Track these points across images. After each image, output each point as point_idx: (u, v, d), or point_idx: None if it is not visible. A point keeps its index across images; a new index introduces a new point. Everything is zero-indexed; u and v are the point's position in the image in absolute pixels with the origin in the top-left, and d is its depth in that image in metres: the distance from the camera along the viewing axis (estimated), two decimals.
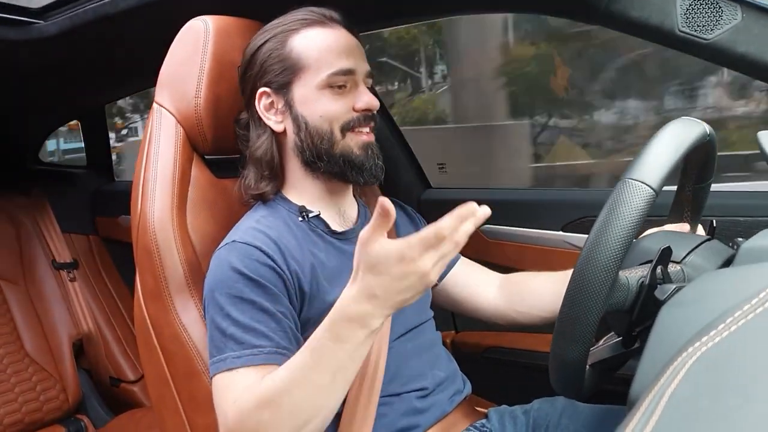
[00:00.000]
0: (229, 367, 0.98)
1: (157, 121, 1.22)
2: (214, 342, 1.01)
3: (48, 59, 1.77)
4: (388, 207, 0.83)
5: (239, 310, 1.01)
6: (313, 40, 1.13)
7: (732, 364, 0.48)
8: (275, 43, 1.14)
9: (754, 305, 0.55)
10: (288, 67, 1.13)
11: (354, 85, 1.15)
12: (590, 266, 0.78)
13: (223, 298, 1.02)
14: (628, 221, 0.77)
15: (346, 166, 1.14)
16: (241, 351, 0.99)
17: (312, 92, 1.13)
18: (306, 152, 1.14)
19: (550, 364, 0.88)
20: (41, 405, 2.15)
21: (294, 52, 1.13)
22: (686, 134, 0.86)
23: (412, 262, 0.84)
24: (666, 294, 0.83)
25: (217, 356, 1.00)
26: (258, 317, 1.01)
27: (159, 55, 1.24)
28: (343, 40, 1.15)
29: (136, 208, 1.19)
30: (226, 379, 0.98)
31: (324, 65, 1.12)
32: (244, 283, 1.02)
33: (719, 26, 1.08)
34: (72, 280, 2.40)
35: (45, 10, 1.56)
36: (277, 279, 1.04)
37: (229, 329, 1.00)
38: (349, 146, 1.14)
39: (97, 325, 2.40)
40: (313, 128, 1.13)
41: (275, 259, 1.05)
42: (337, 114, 1.13)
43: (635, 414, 0.45)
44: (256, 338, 0.99)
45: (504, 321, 1.35)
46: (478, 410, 1.30)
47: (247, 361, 0.98)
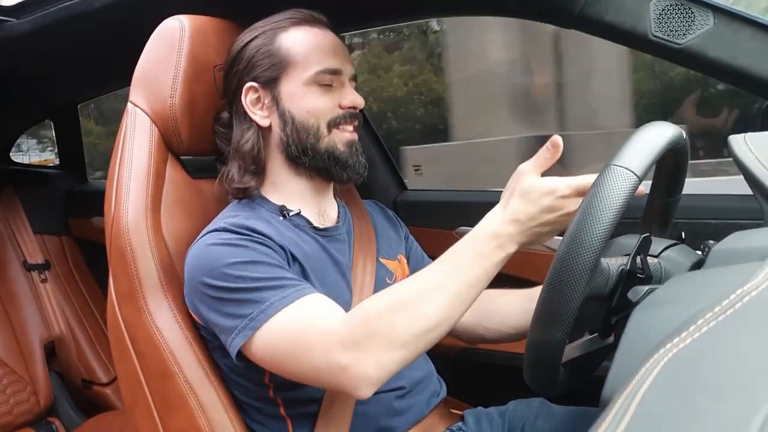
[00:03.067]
0: (278, 309, 0.96)
1: (132, 121, 1.21)
2: (247, 303, 0.97)
3: (21, 58, 1.75)
4: (558, 143, 0.93)
5: (260, 271, 0.99)
6: (302, 38, 1.15)
7: (703, 365, 0.48)
8: (264, 39, 1.15)
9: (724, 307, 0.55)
10: (276, 63, 1.14)
11: (340, 84, 1.16)
12: (574, 248, 0.79)
13: (232, 268, 0.99)
14: (612, 204, 0.78)
15: (330, 161, 1.15)
16: (285, 291, 0.97)
17: (299, 88, 1.14)
18: (291, 147, 1.15)
19: (525, 357, 0.88)
20: (11, 408, 2.11)
21: (283, 48, 1.14)
22: (667, 131, 0.88)
23: (560, 199, 0.91)
24: (639, 295, 0.83)
25: (255, 309, 0.97)
26: (279, 273, 1.01)
27: (134, 54, 1.23)
28: (331, 41, 1.17)
29: (109, 209, 1.18)
30: (291, 316, 0.96)
31: (312, 62, 1.13)
32: (247, 252, 1.01)
33: (691, 31, 1.09)
34: (43, 281, 2.37)
35: (18, 8, 1.54)
36: (271, 251, 1.04)
37: (257, 285, 0.98)
38: (334, 142, 1.15)
39: (69, 327, 2.37)
40: (300, 123, 1.14)
41: (261, 238, 1.04)
42: (324, 110, 1.14)
43: (608, 415, 0.46)
44: (292, 281, 1.00)
45: (469, 337, 1.33)
46: (454, 412, 1.30)
47: (297, 295, 0.97)
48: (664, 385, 0.47)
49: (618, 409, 0.45)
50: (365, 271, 1.21)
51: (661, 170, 1.03)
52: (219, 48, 1.23)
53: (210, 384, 1.09)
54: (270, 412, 1.12)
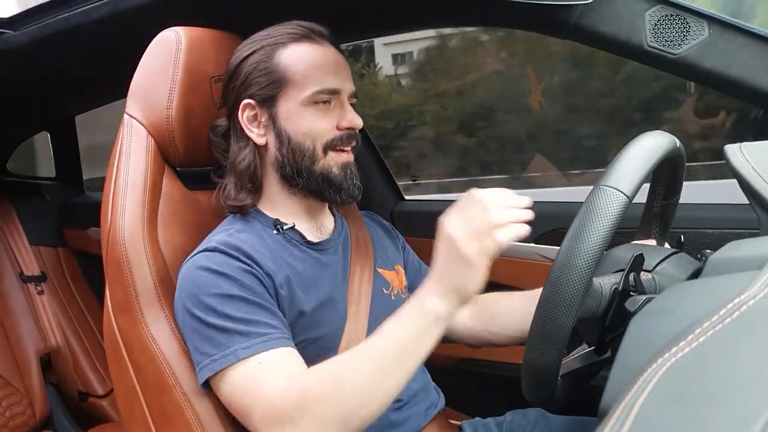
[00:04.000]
0: (241, 358, 0.97)
1: (128, 133, 1.21)
2: (214, 341, 0.99)
3: (17, 69, 1.75)
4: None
5: (233, 308, 0.99)
6: (300, 56, 1.12)
7: (701, 375, 0.48)
8: (262, 55, 1.13)
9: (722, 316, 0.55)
10: (274, 81, 1.12)
11: (339, 103, 1.14)
12: (565, 271, 0.79)
13: (212, 299, 1.00)
14: (602, 226, 0.78)
15: (324, 184, 1.14)
16: (250, 341, 0.97)
17: (296, 108, 1.12)
18: (286, 167, 1.14)
19: (522, 372, 0.88)
20: (7, 421, 2.10)
21: (281, 66, 1.12)
22: (658, 145, 0.88)
23: (444, 229, 0.87)
24: (636, 305, 0.83)
25: (219, 352, 0.98)
26: (254, 310, 1.00)
27: (130, 66, 1.23)
28: (331, 58, 1.15)
29: (106, 221, 1.18)
30: (248, 370, 0.97)
31: (311, 82, 1.11)
32: (229, 283, 1.01)
33: (687, 41, 1.10)
34: (40, 293, 2.37)
35: (15, 20, 1.54)
36: (257, 281, 1.03)
37: (229, 325, 0.98)
38: (329, 165, 1.13)
39: (65, 339, 2.36)
40: (296, 144, 1.12)
41: (250, 264, 1.04)
42: (321, 131, 1.12)
43: (606, 425, 0.46)
44: (261, 328, 0.99)
45: (477, 342, 1.34)
46: (452, 423, 1.30)
47: (260, 348, 0.97)
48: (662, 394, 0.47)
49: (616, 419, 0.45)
50: (362, 281, 1.20)
51: (657, 175, 1.04)
52: (216, 59, 1.23)
53: (207, 396, 1.08)
54: None
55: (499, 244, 0.85)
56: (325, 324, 1.11)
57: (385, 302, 1.23)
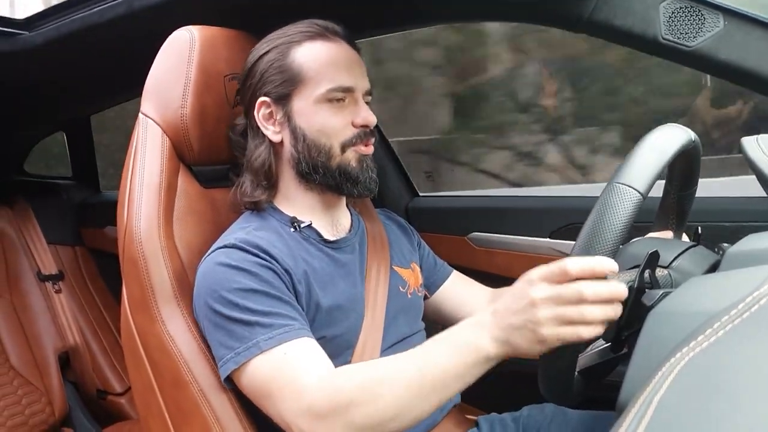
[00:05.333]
0: (263, 350, 0.97)
1: (143, 132, 1.22)
2: (236, 335, 1.00)
3: (33, 70, 1.76)
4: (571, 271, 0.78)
5: (254, 301, 1.00)
6: (314, 54, 1.13)
7: (720, 370, 0.48)
8: (277, 53, 1.14)
9: (740, 310, 0.55)
10: (288, 79, 1.13)
11: (353, 101, 1.14)
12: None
13: (233, 294, 1.01)
14: (616, 224, 0.77)
15: (341, 178, 1.14)
16: (272, 332, 0.98)
17: (311, 105, 1.12)
18: (302, 164, 1.14)
19: (539, 371, 0.88)
20: (27, 419, 2.12)
21: (295, 64, 1.13)
22: (672, 139, 0.87)
23: (529, 287, 0.82)
24: (653, 300, 0.83)
25: (242, 345, 0.99)
26: (274, 304, 1.01)
27: (145, 66, 1.24)
28: (345, 56, 1.15)
29: (122, 219, 1.18)
30: (272, 362, 0.97)
31: (324, 79, 1.12)
32: (248, 277, 1.02)
33: (702, 34, 1.09)
34: (57, 292, 2.39)
35: (31, 21, 1.55)
36: (275, 276, 1.04)
37: (251, 318, 0.99)
38: (348, 159, 1.14)
39: (84, 337, 2.38)
40: (311, 141, 1.13)
41: (268, 260, 1.05)
42: (336, 129, 1.13)
43: (624, 420, 0.45)
44: (282, 320, 1.00)
45: None
46: (468, 418, 1.30)
47: (282, 339, 0.98)
48: (681, 389, 0.46)
49: (635, 414, 0.45)
50: (379, 279, 1.21)
51: (674, 167, 1.03)
52: (229, 58, 1.23)
53: (224, 392, 1.09)
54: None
55: (581, 338, 0.79)
56: (342, 322, 1.12)
57: (402, 300, 1.23)
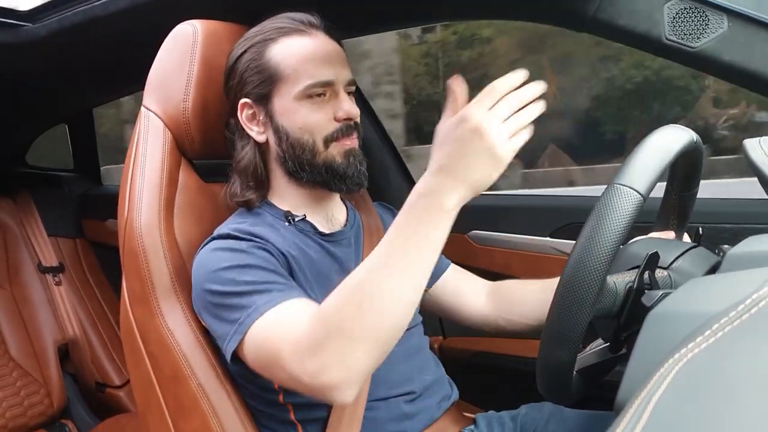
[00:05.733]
0: (262, 312, 0.95)
1: (145, 125, 1.22)
2: (236, 307, 0.98)
3: (36, 62, 1.76)
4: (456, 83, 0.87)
5: (251, 275, 0.99)
6: (290, 50, 1.11)
7: (718, 371, 0.48)
8: (253, 53, 1.13)
9: (740, 312, 0.55)
10: (266, 79, 1.12)
11: (334, 94, 1.12)
12: (579, 271, 0.79)
13: (229, 272, 1.00)
14: (616, 226, 0.77)
15: (328, 175, 1.13)
16: (271, 294, 0.97)
17: (290, 103, 1.11)
18: (288, 162, 1.14)
19: (537, 370, 0.88)
20: (25, 410, 2.13)
21: (272, 63, 1.11)
22: (674, 141, 0.87)
23: (469, 120, 0.82)
24: (653, 300, 0.83)
25: (243, 314, 0.97)
26: (270, 277, 1.00)
27: (148, 59, 1.24)
28: (323, 49, 1.13)
29: (123, 212, 1.18)
30: (275, 319, 0.95)
31: (302, 76, 1.10)
32: (243, 256, 1.01)
33: (706, 35, 1.09)
34: (58, 284, 2.39)
35: (34, 13, 1.55)
36: (270, 255, 1.04)
37: (248, 288, 0.98)
38: (332, 155, 1.12)
39: (83, 330, 2.38)
40: (294, 139, 1.12)
41: (262, 243, 1.05)
42: (318, 125, 1.11)
43: (622, 420, 0.45)
44: (279, 286, 0.99)
45: (492, 329, 1.34)
46: (466, 416, 1.30)
47: (281, 298, 0.96)
48: (679, 390, 0.46)
49: (632, 414, 0.45)
50: None
51: (675, 168, 1.03)
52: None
53: (222, 387, 1.09)
54: (281, 417, 1.12)
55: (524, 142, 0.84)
56: None
57: None
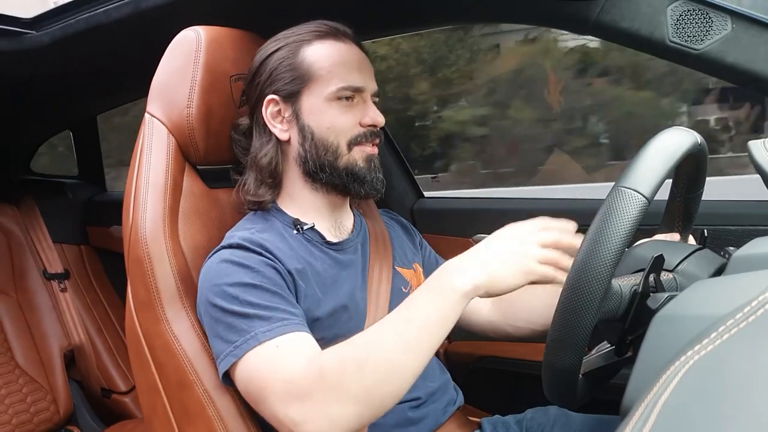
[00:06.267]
0: (261, 341, 0.97)
1: (149, 131, 1.22)
2: (235, 328, 0.99)
3: (40, 69, 1.77)
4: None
5: (254, 295, 1.00)
6: (325, 52, 1.14)
7: (724, 373, 0.48)
8: (287, 51, 1.14)
9: (746, 314, 0.55)
10: (298, 76, 1.13)
11: (362, 101, 1.15)
12: (583, 274, 0.78)
13: (233, 288, 1.01)
14: (621, 229, 0.77)
15: (348, 178, 1.15)
16: (270, 325, 0.98)
17: (320, 103, 1.13)
18: (309, 162, 1.15)
19: (543, 373, 0.87)
20: (32, 416, 2.13)
21: (306, 62, 1.13)
22: (678, 143, 0.86)
23: (518, 232, 0.94)
24: (658, 303, 0.83)
25: (241, 338, 0.98)
26: (274, 299, 1.01)
27: (151, 65, 1.24)
28: (355, 56, 1.16)
29: (127, 219, 1.19)
30: (267, 353, 0.96)
31: (335, 78, 1.12)
32: (250, 274, 1.02)
33: (709, 36, 1.09)
34: (63, 291, 2.39)
35: (37, 21, 1.56)
36: (276, 274, 1.04)
37: (250, 311, 0.99)
38: (354, 159, 1.14)
39: (89, 336, 2.38)
40: (319, 139, 1.13)
41: (272, 259, 1.05)
42: (344, 127, 1.13)
43: (628, 423, 0.45)
44: (280, 314, 1.00)
45: (498, 335, 1.34)
46: (472, 420, 1.30)
47: (279, 331, 0.97)
48: (685, 393, 0.46)
49: (639, 417, 0.45)
50: (381, 279, 1.21)
51: (680, 170, 1.03)
52: (235, 58, 1.24)
53: (228, 393, 1.09)
54: None
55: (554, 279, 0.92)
56: (344, 323, 1.12)
57: None
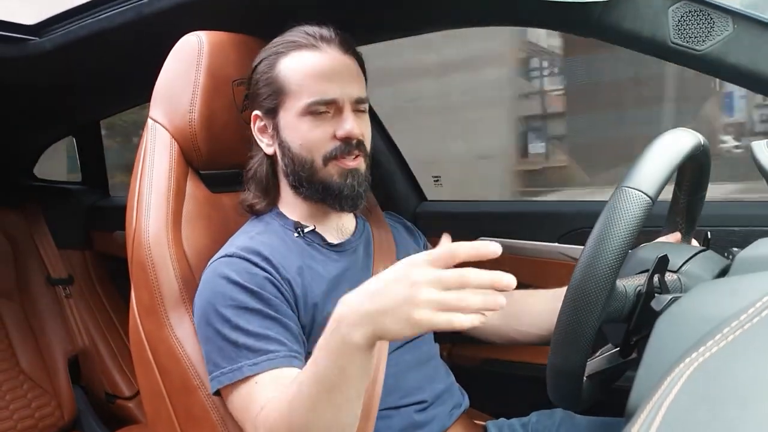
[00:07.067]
0: (246, 375, 0.98)
1: (152, 136, 1.22)
2: (224, 353, 1.00)
3: (43, 75, 1.77)
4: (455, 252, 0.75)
5: (247, 320, 1.00)
6: (298, 65, 1.11)
7: (730, 374, 0.48)
8: (265, 65, 1.14)
9: (750, 315, 0.55)
10: (274, 92, 1.12)
11: (338, 111, 1.11)
12: (588, 274, 0.78)
13: (228, 310, 1.01)
14: (625, 229, 0.77)
15: (324, 193, 1.13)
16: (257, 358, 0.98)
17: (293, 119, 1.11)
18: (290, 177, 1.15)
19: (547, 375, 0.87)
20: (36, 422, 2.14)
21: (280, 76, 1.12)
22: (682, 144, 0.87)
23: (412, 270, 0.75)
24: (662, 305, 0.82)
25: (228, 366, 0.99)
26: (266, 324, 1.01)
27: (154, 71, 1.24)
28: (329, 65, 1.11)
29: (131, 224, 1.19)
30: (247, 388, 0.98)
31: (305, 92, 1.10)
32: (245, 294, 1.02)
33: (711, 37, 1.09)
34: (67, 296, 2.40)
35: (40, 27, 1.56)
36: (275, 288, 1.04)
37: (240, 339, 0.99)
38: (330, 174, 1.12)
39: (93, 341, 2.39)
40: (295, 155, 1.12)
41: (269, 270, 1.05)
42: (316, 143, 1.11)
43: (633, 425, 0.45)
44: (270, 344, 0.99)
45: (502, 340, 1.34)
46: (477, 423, 1.29)
47: (264, 367, 0.98)
48: (690, 395, 0.46)
49: (644, 420, 0.45)
50: None
51: (683, 171, 1.03)
52: (237, 63, 1.24)
53: None
54: None
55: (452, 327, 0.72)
56: None
57: None
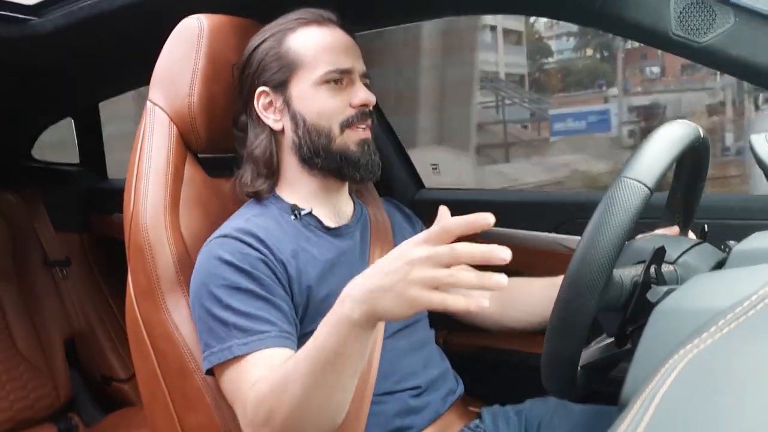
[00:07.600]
0: (236, 355, 0.98)
1: (150, 119, 1.22)
2: (215, 333, 1.01)
3: (42, 56, 1.76)
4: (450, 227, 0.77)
5: (238, 300, 1.01)
6: (310, 38, 1.15)
7: (724, 367, 0.48)
8: (273, 41, 1.15)
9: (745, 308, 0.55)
10: (285, 65, 1.14)
11: (350, 82, 1.15)
12: (585, 263, 0.78)
13: (220, 290, 1.02)
14: (623, 218, 0.78)
15: (342, 162, 1.15)
16: (247, 338, 0.99)
17: (309, 89, 1.14)
18: (303, 148, 1.15)
19: (542, 363, 0.88)
20: (32, 403, 2.14)
21: (291, 50, 1.14)
22: (681, 135, 0.87)
23: (408, 250, 0.77)
24: (658, 296, 0.83)
25: (218, 345, 1.00)
26: (258, 305, 1.02)
27: (153, 53, 1.24)
28: (340, 39, 1.16)
29: (128, 207, 1.19)
30: (237, 367, 0.99)
31: (321, 62, 1.13)
32: (238, 274, 1.03)
33: (712, 29, 1.08)
34: (64, 278, 2.40)
35: (40, 7, 1.55)
36: (268, 269, 1.05)
37: (231, 318, 1.00)
38: (346, 143, 1.14)
39: (89, 323, 2.39)
40: (311, 125, 1.14)
41: (263, 251, 1.06)
42: (335, 110, 1.14)
43: (627, 415, 0.45)
44: (260, 324, 1.00)
45: (498, 328, 1.35)
46: (471, 410, 1.30)
47: (254, 346, 0.98)
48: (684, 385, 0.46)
49: (638, 410, 0.45)
50: None
51: (681, 163, 1.03)
52: (237, 46, 1.23)
53: None
54: None
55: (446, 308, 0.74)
56: None
57: None
